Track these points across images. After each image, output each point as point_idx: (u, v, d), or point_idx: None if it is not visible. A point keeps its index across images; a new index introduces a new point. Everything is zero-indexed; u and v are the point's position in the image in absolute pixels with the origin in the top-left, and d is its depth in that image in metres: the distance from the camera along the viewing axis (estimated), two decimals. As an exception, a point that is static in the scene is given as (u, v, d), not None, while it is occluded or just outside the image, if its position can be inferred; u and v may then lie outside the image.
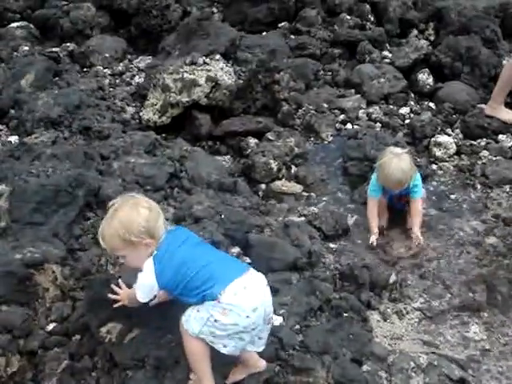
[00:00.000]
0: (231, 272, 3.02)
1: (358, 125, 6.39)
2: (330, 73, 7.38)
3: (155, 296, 3.18)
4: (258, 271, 4.17)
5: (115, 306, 3.34)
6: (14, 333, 3.49)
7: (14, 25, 8.16)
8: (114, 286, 3.36)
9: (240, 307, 2.93)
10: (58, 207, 4.37)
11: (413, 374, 3.60)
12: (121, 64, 7.58)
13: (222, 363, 3.26)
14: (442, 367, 3.67)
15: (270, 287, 3.98)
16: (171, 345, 3.27)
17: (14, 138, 5.71)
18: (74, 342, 3.52)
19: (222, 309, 2.93)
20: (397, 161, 4.75)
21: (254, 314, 2.97)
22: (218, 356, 3.19)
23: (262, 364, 3.32)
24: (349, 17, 8.12)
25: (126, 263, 3.15)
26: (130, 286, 3.26)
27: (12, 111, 6.15)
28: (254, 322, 2.98)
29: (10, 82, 6.54)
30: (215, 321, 2.94)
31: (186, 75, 6.08)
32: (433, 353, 3.81)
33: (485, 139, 6.16)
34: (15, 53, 7.44)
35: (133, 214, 2.99)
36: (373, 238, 4.86)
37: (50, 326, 3.63)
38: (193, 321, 3.00)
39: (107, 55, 7.63)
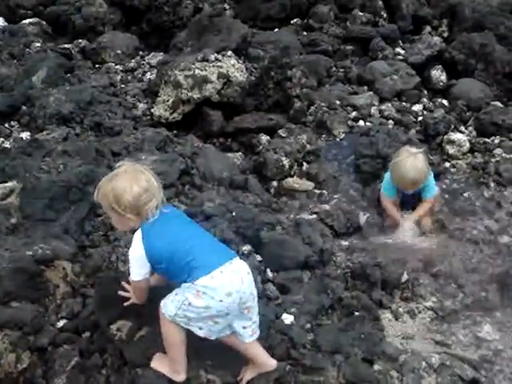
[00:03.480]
0: (214, 260, 3.03)
1: (370, 122, 6.37)
2: (342, 69, 7.36)
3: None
4: (270, 269, 4.21)
5: (126, 304, 3.35)
6: (24, 329, 3.49)
7: (26, 21, 8.19)
8: (124, 283, 3.37)
9: (214, 290, 2.94)
10: (69, 204, 4.38)
11: (424, 374, 3.56)
12: (132, 60, 7.60)
13: (233, 361, 3.26)
14: (454, 367, 3.62)
15: (282, 285, 4.04)
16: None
17: (25, 135, 5.71)
18: (83, 339, 3.51)
19: (195, 291, 2.94)
20: (412, 160, 4.73)
21: (228, 298, 2.96)
22: (229, 354, 3.22)
23: (273, 363, 3.29)
24: (361, 13, 8.12)
25: (112, 222, 3.24)
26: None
27: (24, 107, 6.15)
28: (227, 306, 2.98)
29: (22, 79, 6.56)
30: (189, 304, 2.96)
31: (197, 72, 6.06)
32: (445, 353, 3.76)
33: (498, 137, 6.13)
34: (27, 49, 7.46)
35: (126, 187, 3.03)
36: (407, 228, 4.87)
37: (60, 323, 3.63)
38: (170, 304, 3.02)
39: (119, 52, 7.64)
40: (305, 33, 7.97)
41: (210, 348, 3.20)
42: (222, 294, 2.95)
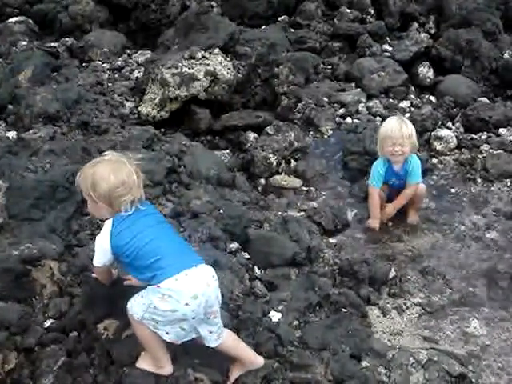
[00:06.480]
0: (180, 262, 3.02)
1: (357, 119, 6.38)
2: (329, 66, 7.38)
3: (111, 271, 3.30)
4: (257, 266, 4.21)
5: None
6: (11, 329, 3.45)
7: (13, 20, 8.14)
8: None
9: (179, 293, 2.93)
10: (56, 203, 4.35)
11: (412, 370, 3.57)
12: (120, 59, 7.56)
13: (220, 359, 3.26)
14: (441, 363, 3.63)
15: (270, 283, 4.03)
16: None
17: (11, 134, 5.67)
18: (71, 338, 3.47)
19: (161, 294, 2.93)
20: (398, 117, 5.11)
21: (194, 301, 2.95)
22: (216, 352, 3.21)
23: (260, 360, 3.29)
24: (349, 10, 8.13)
25: (88, 207, 3.24)
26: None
27: (10, 106, 6.12)
28: (193, 310, 2.96)
29: (8, 77, 6.52)
30: (155, 307, 2.95)
31: (184, 69, 6.04)
32: (432, 348, 3.78)
33: (485, 133, 6.16)
34: (13, 48, 7.42)
35: (105, 176, 3.02)
36: (375, 223, 4.88)
37: (47, 323, 3.59)
38: (136, 306, 3.03)
39: (106, 50, 7.60)
40: (292, 30, 7.96)
41: (198, 346, 3.20)
42: (187, 297, 2.93)
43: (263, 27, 7.94)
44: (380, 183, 4.98)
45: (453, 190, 5.47)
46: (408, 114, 6.39)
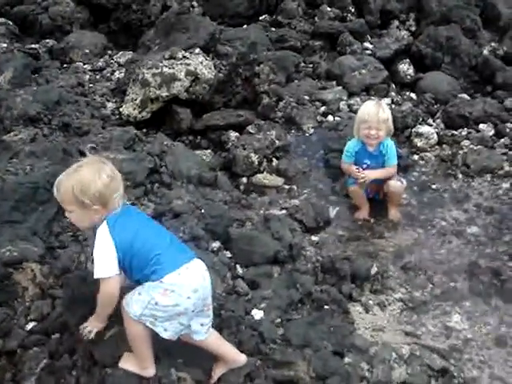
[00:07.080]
0: (180, 257, 3.05)
1: (339, 116, 6.39)
2: (310, 65, 7.39)
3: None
4: (239, 265, 4.22)
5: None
6: (-8, 333, 3.46)
7: (-8, 21, 8.07)
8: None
9: (181, 287, 2.95)
10: (37, 205, 4.32)
11: (395, 365, 3.59)
12: (101, 59, 7.53)
13: (203, 358, 3.27)
14: (423, 357, 3.67)
15: (252, 281, 4.05)
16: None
17: (-8, 136, 5.65)
18: (53, 340, 3.47)
19: (163, 289, 2.94)
20: (376, 101, 5.26)
21: (195, 295, 2.99)
22: (199, 352, 3.22)
23: (242, 358, 3.31)
24: (329, 8, 8.14)
25: (71, 219, 3.15)
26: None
27: (-10, 109, 6.07)
28: (194, 303, 3.00)
29: (-12, 80, 6.48)
30: (156, 303, 2.95)
31: (165, 70, 6.03)
32: (415, 343, 3.81)
33: (466, 129, 6.19)
34: (-7, 50, 7.35)
35: (94, 177, 2.99)
36: (355, 173, 5.00)
37: (30, 325, 3.58)
38: (134, 304, 3.01)
39: (87, 51, 7.58)
40: (273, 29, 7.97)
41: (180, 346, 3.21)
42: (189, 290, 2.96)
43: (244, 26, 7.94)
44: (349, 160, 5.08)
45: (434, 186, 5.51)
46: (389, 111, 6.44)
